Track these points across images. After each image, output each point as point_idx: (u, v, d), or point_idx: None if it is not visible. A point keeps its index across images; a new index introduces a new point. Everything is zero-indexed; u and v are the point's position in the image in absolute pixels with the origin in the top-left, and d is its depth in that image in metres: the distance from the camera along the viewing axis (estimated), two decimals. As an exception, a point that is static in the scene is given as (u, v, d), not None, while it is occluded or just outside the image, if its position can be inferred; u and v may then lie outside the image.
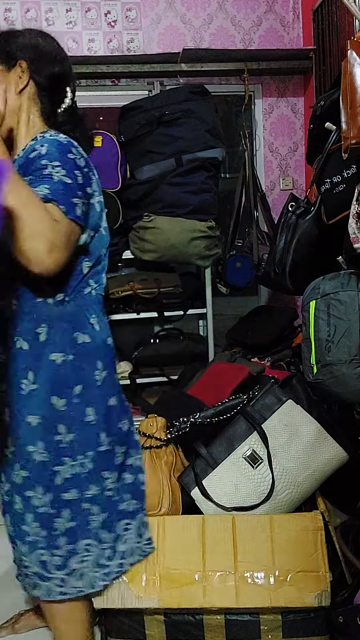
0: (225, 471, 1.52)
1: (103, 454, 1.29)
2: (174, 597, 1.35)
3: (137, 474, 1.38)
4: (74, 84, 1.44)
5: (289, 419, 1.52)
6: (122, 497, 1.34)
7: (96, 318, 1.37)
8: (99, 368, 1.32)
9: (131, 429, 1.39)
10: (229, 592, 1.34)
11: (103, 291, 1.43)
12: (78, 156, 1.28)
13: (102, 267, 1.42)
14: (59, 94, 1.38)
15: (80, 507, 1.28)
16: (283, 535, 1.38)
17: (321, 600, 1.30)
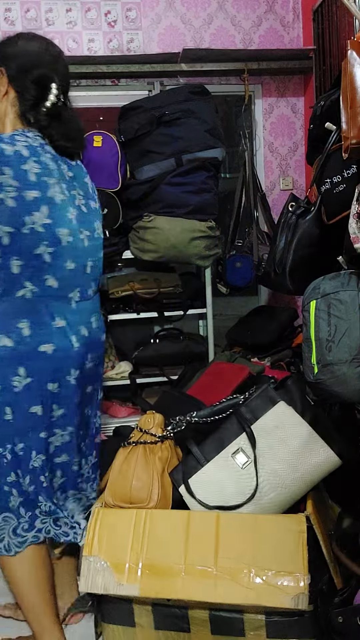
0: (213, 469, 1.53)
1: (16, 454, 1.42)
2: (153, 587, 1.39)
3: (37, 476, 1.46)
4: (62, 84, 1.47)
5: (280, 420, 1.53)
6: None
7: (27, 322, 1.36)
8: (20, 374, 1.36)
9: (49, 439, 1.47)
10: (207, 586, 1.36)
11: (56, 293, 1.41)
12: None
13: (45, 268, 1.39)
14: (39, 96, 1.43)
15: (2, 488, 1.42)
16: (265, 536, 1.39)
17: (298, 603, 1.31)
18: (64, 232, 1.40)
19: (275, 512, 1.48)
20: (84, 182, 1.54)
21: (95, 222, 1.54)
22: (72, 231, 1.43)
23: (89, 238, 1.51)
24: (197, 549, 1.41)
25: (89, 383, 1.55)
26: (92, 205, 1.54)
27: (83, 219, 1.49)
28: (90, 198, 1.53)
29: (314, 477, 1.50)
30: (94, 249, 1.53)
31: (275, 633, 1.37)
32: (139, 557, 1.42)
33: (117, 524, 1.48)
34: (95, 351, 1.55)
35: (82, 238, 1.48)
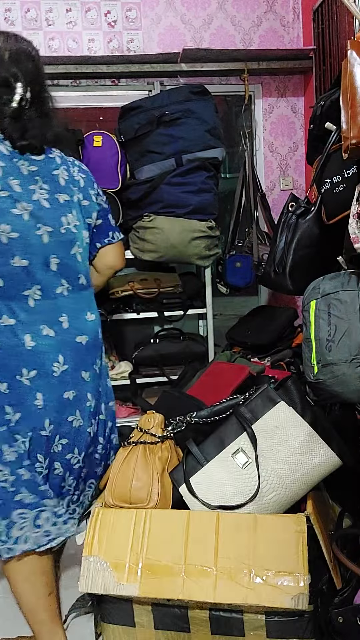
0: (213, 469, 1.53)
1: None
2: (153, 587, 1.39)
3: (33, 472, 1.44)
4: (29, 82, 1.45)
5: (280, 420, 1.52)
6: (17, 490, 1.41)
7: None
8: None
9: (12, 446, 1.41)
10: (207, 586, 1.36)
11: (3, 291, 1.39)
12: None
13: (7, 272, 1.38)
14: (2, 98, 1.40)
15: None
16: (265, 535, 1.39)
17: (298, 603, 1.31)
18: (5, 228, 1.35)
19: (275, 512, 1.48)
20: (52, 175, 1.46)
21: (63, 216, 1.45)
22: (20, 227, 1.38)
23: (52, 234, 1.43)
24: (197, 549, 1.41)
25: (66, 389, 1.46)
26: (62, 198, 1.46)
27: (42, 214, 1.42)
28: (60, 192, 1.46)
29: (314, 477, 1.51)
30: (60, 245, 1.44)
31: (275, 633, 1.37)
32: (139, 557, 1.43)
33: (117, 524, 1.48)
34: (69, 353, 1.46)
35: (40, 234, 1.41)
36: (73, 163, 1.56)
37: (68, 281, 1.46)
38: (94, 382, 1.54)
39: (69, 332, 1.45)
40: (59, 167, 1.48)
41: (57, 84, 2.86)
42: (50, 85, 2.87)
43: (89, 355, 1.51)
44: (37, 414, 1.41)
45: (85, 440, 1.53)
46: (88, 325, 1.51)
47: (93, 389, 1.53)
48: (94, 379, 1.54)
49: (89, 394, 1.51)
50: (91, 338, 1.52)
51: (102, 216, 1.63)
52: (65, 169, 1.50)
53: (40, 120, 1.45)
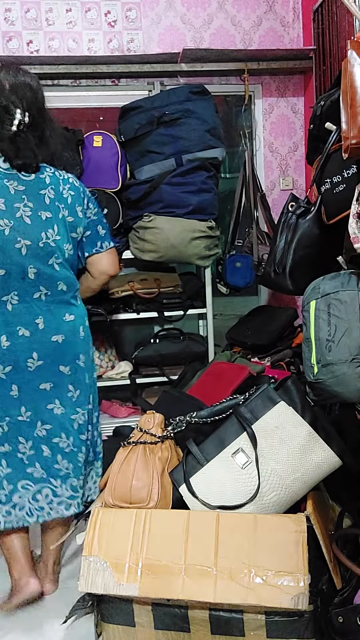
0: (213, 469, 1.53)
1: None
2: (153, 587, 1.39)
3: (16, 452, 1.66)
4: (27, 109, 1.61)
5: (280, 420, 1.52)
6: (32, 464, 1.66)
7: None
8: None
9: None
10: (207, 586, 1.37)
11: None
12: None
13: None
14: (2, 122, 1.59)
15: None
16: (265, 535, 1.39)
17: (298, 603, 1.30)
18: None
19: (275, 512, 1.48)
20: (39, 195, 1.64)
21: (43, 231, 1.62)
22: (1, 241, 1.58)
23: (29, 247, 1.61)
24: (197, 549, 1.41)
25: (42, 381, 1.65)
26: (45, 215, 1.64)
27: (23, 229, 1.60)
28: (43, 209, 1.64)
29: (314, 477, 1.51)
30: (38, 257, 1.62)
31: (275, 633, 1.37)
32: (139, 557, 1.43)
33: (117, 524, 1.48)
34: (44, 350, 1.64)
35: (19, 247, 1.60)
36: (66, 180, 1.71)
37: (46, 287, 1.64)
38: (77, 375, 1.69)
39: (44, 332, 1.63)
40: (47, 187, 1.65)
41: (57, 84, 2.87)
42: (50, 85, 2.90)
43: (67, 351, 1.67)
44: (12, 402, 1.63)
45: (72, 427, 1.69)
46: (65, 326, 1.67)
47: (76, 381, 1.69)
48: (77, 371, 1.69)
49: (70, 385, 1.68)
50: (69, 336, 1.67)
51: (90, 228, 1.78)
52: (52, 188, 1.66)
53: (36, 142, 1.63)
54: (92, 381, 1.78)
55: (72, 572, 1.90)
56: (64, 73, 2.76)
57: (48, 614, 1.71)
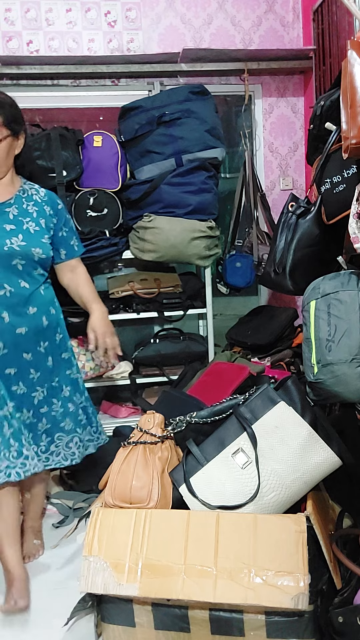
0: (213, 469, 1.53)
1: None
2: (153, 587, 1.39)
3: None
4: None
5: (280, 420, 1.52)
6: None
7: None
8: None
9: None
10: (207, 586, 1.36)
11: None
12: None
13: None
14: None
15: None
16: (265, 535, 1.39)
17: (298, 603, 1.30)
18: None
19: (275, 512, 1.48)
20: (4, 212, 1.84)
21: (7, 239, 1.80)
22: None
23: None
24: (197, 549, 1.41)
25: (7, 367, 1.81)
26: (9, 227, 1.82)
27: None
28: (8, 223, 1.82)
29: (314, 477, 1.50)
30: (2, 260, 1.79)
31: (275, 633, 1.37)
32: (139, 557, 1.43)
33: (117, 524, 1.48)
34: (10, 340, 1.81)
35: None
36: (30, 198, 1.90)
37: (10, 285, 1.80)
38: (38, 359, 1.87)
39: (9, 325, 1.80)
40: (11, 206, 1.85)
41: (57, 84, 2.87)
42: (50, 85, 2.91)
43: (30, 340, 1.85)
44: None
45: (32, 402, 1.86)
46: (27, 318, 1.84)
47: (37, 364, 1.87)
48: (38, 357, 1.87)
49: (32, 369, 1.85)
50: (31, 328, 1.84)
51: (56, 233, 1.97)
52: (16, 207, 1.86)
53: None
54: (60, 362, 1.94)
55: (72, 572, 1.90)
56: (63, 73, 2.76)
57: (48, 614, 1.71)
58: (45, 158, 2.46)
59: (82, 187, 2.55)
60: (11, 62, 2.70)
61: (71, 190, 2.54)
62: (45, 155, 2.46)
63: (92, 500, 2.21)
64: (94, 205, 2.52)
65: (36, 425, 1.88)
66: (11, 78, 2.81)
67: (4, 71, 2.72)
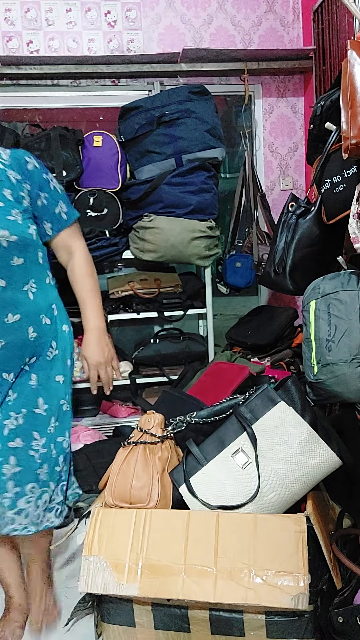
0: (213, 469, 1.53)
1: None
2: (153, 587, 1.39)
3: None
4: None
5: (280, 420, 1.52)
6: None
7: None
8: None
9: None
10: (207, 586, 1.36)
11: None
12: None
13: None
14: None
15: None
16: (265, 535, 1.39)
17: (298, 603, 1.30)
18: None
19: (275, 512, 1.48)
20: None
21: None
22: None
23: None
24: (197, 549, 1.41)
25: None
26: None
27: None
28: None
29: (314, 477, 1.50)
30: None
31: (275, 633, 1.37)
32: (139, 557, 1.43)
33: (117, 524, 1.48)
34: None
35: None
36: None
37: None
38: (19, 378, 1.47)
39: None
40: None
41: (57, 84, 2.87)
42: (50, 85, 2.91)
43: (10, 357, 1.44)
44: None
45: (2, 432, 1.44)
46: (5, 328, 1.43)
47: (15, 384, 1.47)
48: (21, 376, 1.48)
49: (10, 390, 1.46)
50: (11, 341, 1.44)
51: (33, 203, 1.52)
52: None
53: None
54: (48, 386, 1.54)
55: (72, 572, 1.90)
56: (63, 73, 2.76)
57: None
58: (45, 158, 2.46)
59: (82, 187, 2.55)
60: (11, 62, 2.70)
61: (71, 190, 2.54)
62: (45, 155, 2.47)
63: (92, 500, 2.21)
64: (93, 205, 2.52)
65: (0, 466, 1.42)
66: (11, 78, 2.81)
67: (4, 71, 2.72)
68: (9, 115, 3.06)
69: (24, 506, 1.45)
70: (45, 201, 1.51)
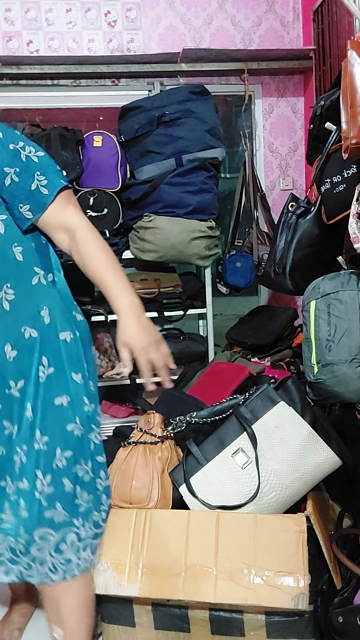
0: (213, 469, 1.53)
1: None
2: (153, 587, 1.39)
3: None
4: None
5: (280, 420, 1.52)
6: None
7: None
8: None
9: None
10: (207, 586, 1.36)
11: None
12: None
13: None
14: None
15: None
16: (265, 535, 1.39)
17: (298, 603, 1.31)
18: None
19: (275, 512, 1.48)
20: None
21: None
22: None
23: None
24: (197, 549, 1.41)
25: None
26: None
27: None
28: None
29: (314, 477, 1.50)
30: None
31: (275, 633, 1.37)
32: (139, 557, 1.43)
33: (117, 524, 1.48)
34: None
35: None
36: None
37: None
38: (11, 407, 1.24)
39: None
40: None
41: (57, 84, 2.87)
42: (50, 85, 2.91)
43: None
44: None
45: (14, 470, 1.23)
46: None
47: (12, 414, 1.24)
48: (10, 404, 1.24)
49: (4, 420, 1.24)
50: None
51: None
52: None
53: None
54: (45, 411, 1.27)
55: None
56: (63, 73, 2.76)
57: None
58: (45, 158, 2.46)
59: (82, 187, 2.55)
60: (11, 62, 2.70)
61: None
62: (45, 155, 2.46)
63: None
64: (93, 205, 2.52)
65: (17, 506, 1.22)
66: (11, 78, 2.80)
67: (4, 71, 2.72)
68: (9, 115, 3.06)
69: (36, 554, 1.22)
70: (17, 178, 1.17)
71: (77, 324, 1.32)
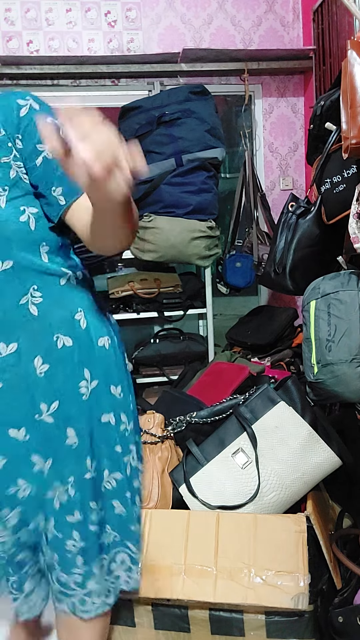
0: (213, 469, 1.53)
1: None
2: (153, 587, 1.39)
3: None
4: None
5: (280, 420, 1.52)
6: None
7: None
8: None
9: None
10: (207, 586, 1.36)
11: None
12: None
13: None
14: None
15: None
16: (265, 535, 1.39)
17: (298, 603, 1.31)
18: None
19: (275, 512, 1.48)
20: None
21: None
22: None
23: None
24: (197, 549, 1.41)
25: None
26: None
27: None
28: None
29: (314, 477, 1.50)
30: None
31: (275, 633, 1.37)
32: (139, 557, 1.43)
33: (117, 524, 1.48)
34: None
35: None
36: None
37: None
38: (44, 434, 1.06)
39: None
40: None
41: (57, 84, 2.87)
42: (50, 85, 2.90)
43: (13, 405, 1.02)
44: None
45: (52, 507, 1.07)
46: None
47: (43, 445, 1.05)
48: (42, 431, 1.06)
49: (37, 455, 1.05)
50: (3, 383, 1.01)
51: (28, 165, 1.05)
52: None
53: None
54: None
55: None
56: (63, 73, 2.76)
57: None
58: (45, 158, 2.46)
59: (82, 187, 2.55)
60: (11, 62, 2.70)
61: (71, 190, 2.54)
62: (45, 155, 2.46)
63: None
64: (94, 205, 2.52)
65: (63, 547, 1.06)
66: (11, 78, 2.80)
67: (4, 71, 2.72)
68: (9, 115, 3.06)
69: (94, 587, 1.09)
70: (50, 157, 0.98)
71: (113, 327, 1.16)
